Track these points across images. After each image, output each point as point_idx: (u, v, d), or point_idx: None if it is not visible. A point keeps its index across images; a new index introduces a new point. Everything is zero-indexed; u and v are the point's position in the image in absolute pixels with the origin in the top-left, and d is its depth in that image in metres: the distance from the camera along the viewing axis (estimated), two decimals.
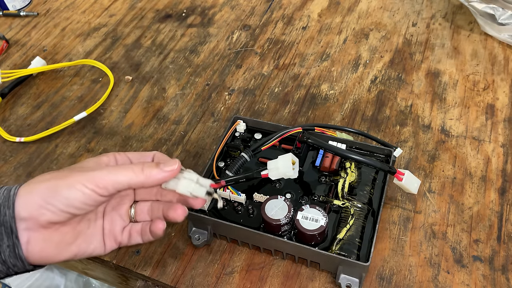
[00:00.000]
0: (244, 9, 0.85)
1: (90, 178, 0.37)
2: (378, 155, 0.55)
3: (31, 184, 0.38)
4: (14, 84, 0.74)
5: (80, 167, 0.40)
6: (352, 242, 0.47)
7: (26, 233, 0.37)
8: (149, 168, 0.38)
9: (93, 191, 0.37)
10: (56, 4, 0.92)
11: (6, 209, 0.36)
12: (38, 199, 0.36)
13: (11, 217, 0.36)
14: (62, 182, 0.37)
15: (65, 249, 0.39)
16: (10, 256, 0.37)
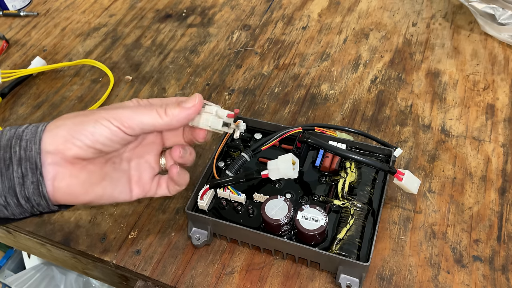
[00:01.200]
0: (244, 9, 0.85)
1: (115, 115, 0.37)
2: (378, 155, 0.55)
3: (58, 121, 0.38)
4: (14, 84, 0.74)
5: (104, 107, 0.40)
6: (352, 242, 0.47)
7: (52, 168, 0.37)
8: (171, 108, 0.39)
9: (119, 128, 0.38)
10: (56, 4, 0.92)
11: (32, 145, 0.36)
12: (65, 133, 0.37)
13: (37, 152, 0.36)
14: (88, 118, 0.37)
15: (91, 188, 0.40)
16: (34, 193, 0.37)
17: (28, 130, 0.38)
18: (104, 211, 0.57)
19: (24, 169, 0.36)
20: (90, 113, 0.38)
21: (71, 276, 1.02)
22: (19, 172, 0.36)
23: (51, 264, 1.03)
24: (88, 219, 0.56)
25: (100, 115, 0.37)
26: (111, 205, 0.58)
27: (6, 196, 0.36)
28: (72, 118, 0.38)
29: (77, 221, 0.56)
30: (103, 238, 0.54)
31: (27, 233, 0.58)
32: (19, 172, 0.36)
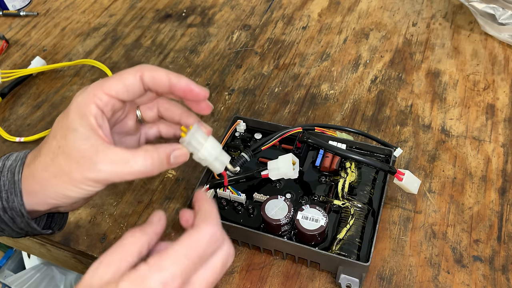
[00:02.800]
0: (244, 9, 0.85)
1: (94, 179, 0.35)
2: (378, 155, 0.54)
3: (33, 184, 0.36)
4: (14, 84, 0.74)
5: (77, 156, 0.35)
6: (352, 242, 0.47)
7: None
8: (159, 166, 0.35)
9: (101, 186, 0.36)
10: (56, 4, 0.92)
11: (13, 196, 0.36)
12: (51, 200, 0.36)
13: (20, 204, 0.36)
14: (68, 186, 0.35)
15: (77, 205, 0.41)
16: (26, 227, 0.38)
17: (4, 179, 0.37)
18: (104, 211, 0.57)
19: (11, 214, 0.37)
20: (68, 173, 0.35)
21: (71, 276, 1.02)
22: (7, 216, 0.37)
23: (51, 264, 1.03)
24: (88, 219, 0.56)
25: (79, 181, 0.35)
26: (111, 205, 0.57)
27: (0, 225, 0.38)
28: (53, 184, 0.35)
29: (77, 221, 0.56)
30: (103, 238, 0.54)
31: None
32: (7, 216, 0.37)
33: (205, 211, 0.34)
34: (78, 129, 0.35)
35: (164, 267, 0.30)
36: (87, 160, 0.34)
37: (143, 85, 0.36)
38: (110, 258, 0.31)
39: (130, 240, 0.32)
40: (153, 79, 0.36)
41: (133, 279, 0.29)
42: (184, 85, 0.36)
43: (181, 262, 0.30)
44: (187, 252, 0.31)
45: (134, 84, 0.36)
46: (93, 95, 0.35)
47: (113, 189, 0.59)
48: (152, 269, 0.30)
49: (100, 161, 0.34)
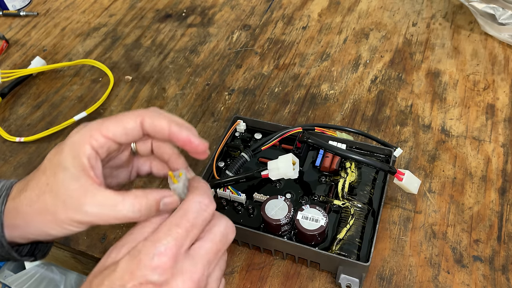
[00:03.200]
0: (244, 9, 0.85)
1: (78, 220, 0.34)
2: (378, 155, 0.54)
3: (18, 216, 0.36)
4: (14, 84, 0.74)
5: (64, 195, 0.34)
6: (352, 242, 0.47)
7: None
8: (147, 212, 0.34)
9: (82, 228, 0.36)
10: (56, 4, 0.92)
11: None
12: (32, 236, 0.37)
13: (0, 236, 0.37)
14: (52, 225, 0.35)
15: None
16: (6, 255, 0.38)
17: None
18: None
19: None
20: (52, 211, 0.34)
21: (71, 276, 1.02)
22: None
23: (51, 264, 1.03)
24: None
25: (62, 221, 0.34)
26: None
27: None
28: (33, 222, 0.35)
29: None
30: (103, 238, 0.54)
31: None
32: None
33: (197, 186, 0.35)
34: (69, 168, 0.34)
35: (158, 239, 0.31)
36: (74, 201, 0.34)
37: (143, 131, 0.36)
38: (123, 241, 0.33)
39: (138, 228, 0.34)
40: (154, 126, 0.35)
41: (132, 254, 0.31)
42: (185, 137, 0.35)
43: (173, 231, 0.32)
44: (178, 221, 0.32)
45: (134, 129, 0.35)
46: (89, 136, 0.34)
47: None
48: (146, 243, 0.31)
49: (87, 203, 0.33)
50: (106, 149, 0.35)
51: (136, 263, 0.31)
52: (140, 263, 0.30)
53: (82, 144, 0.34)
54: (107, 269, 0.31)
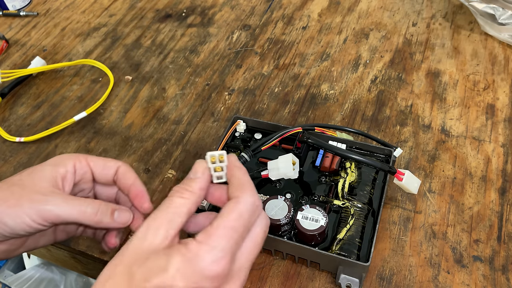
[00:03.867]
0: (244, 9, 0.85)
1: (39, 212, 0.36)
2: (378, 155, 0.54)
3: None
4: (14, 84, 0.74)
5: (32, 187, 0.37)
6: (352, 242, 0.47)
7: None
8: (102, 215, 0.37)
9: (40, 224, 0.36)
10: (56, 4, 0.92)
11: None
12: None
13: None
14: (10, 211, 0.36)
15: (13, 253, 0.40)
16: None
17: None
18: None
19: None
20: (13, 202, 0.36)
21: (71, 276, 1.02)
22: None
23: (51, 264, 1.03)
24: None
25: (22, 210, 0.35)
26: None
27: None
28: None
29: None
30: None
31: None
32: None
33: (240, 179, 0.34)
34: (45, 171, 0.38)
35: (214, 244, 0.30)
36: (40, 196, 0.36)
37: (114, 175, 0.41)
38: (160, 221, 0.32)
39: (179, 202, 0.33)
40: (124, 174, 0.40)
41: (185, 257, 0.30)
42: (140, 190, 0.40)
43: (230, 236, 0.31)
44: (234, 225, 0.31)
45: (111, 167, 0.41)
46: (75, 157, 0.40)
47: None
48: (202, 248, 0.30)
49: (51, 198, 0.36)
50: (82, 174, 0.40)
51: (191, 267, 0.29)
52: (196, 268, 0.29)
53: (67, 159, 0.39)
54: (151, 261, 0.30)
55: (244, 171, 0.35)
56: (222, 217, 0.31)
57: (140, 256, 0.30)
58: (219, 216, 0.32)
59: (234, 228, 0.31)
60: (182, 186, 0.34)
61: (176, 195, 0.33)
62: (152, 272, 0.29)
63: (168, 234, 0.31)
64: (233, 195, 0.33)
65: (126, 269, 0.30)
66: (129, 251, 0.31)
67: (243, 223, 0.32)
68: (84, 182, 0.41)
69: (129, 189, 0.40)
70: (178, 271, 0.29)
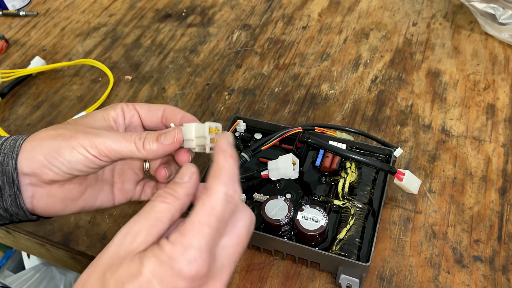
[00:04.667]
0: (244, 9, 0.85)
1: (93, 143, 0.36)
2: (379, 155, 0.54)
3: (36, 139, 0.37)
4: (14, 84, 0.74)
5: (86, 125, 0.38)
6: (353, 242, 0.47)
7: (30, 188, 0.37)
8: (150, 142, 0.37)
9: (96, 157, 0.36)
10: (55, 3, 0.92)
11: (9, 159, 0.36)
12: (41, 158, 0.36)
13: (13, 168, 0.36)
14: (66, 143, 0.36)
15: (71, 204, 0.40)
16: (12, 205, 0.37)
17: (6, 144, 0.37)
18: (104, 211, 0.57)
19: (1, 182, 0.36)
20: (69, 136, 0.36)
21: (70, 276, 1.02)
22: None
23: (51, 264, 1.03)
24: (87, 219, 0.56)
25: (77, 142, 0.36)
26: None
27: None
28: (49, 140, 0.37)
29: (77, 221, 0.56)
30: (102, 238, 0.54)
31: (26, 233, 0.58)
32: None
33: (218, 165, 0.32)
34: (97, 114, 0.40)
35: (188, 243, 0.29)
36: (94, 131, 0.37)
37: (162, 117, 0.41)
38: (140, 226, 0.30)
39: (162, 207, 0.31)
40: (172, 114, 0.41)
41: (160, 259, 0.29)
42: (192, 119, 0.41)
43: (204, 233, 0.29)
44: (206, 220, 0.29)
45: (157, 109, 0.41)
46: (123, 103, 0.41)
47: None
48: (176, 248, 0.29)
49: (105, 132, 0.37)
50: (130, 117, 0.41)
51: (166, 270, 0.28)
52: (172, 270, 0.28)
53: (115, 105, 0.41)
54: (125, 266, 0.28)
55: (228, 154, 0.32)
56: (194, 213, 0.30)
57: (113, 262, 0.29)
58: (192, 212, 0.30)
59: (208, 223, 0.29)
60: (167, 190, 0.32)
61: (158, 199, 0.31)
62: (125, 278, 0.28)
63: (147, 240, 0.30)
64: (207, 186, 0.31)
65: (100, 278, 0.29)
66: (103, 257, 0.30)
67: (216, 217, 0.30)
68: (133, 126, 0.41)
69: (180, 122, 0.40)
70: (154, 275, 0.28)
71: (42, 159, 0.36)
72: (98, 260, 0.30)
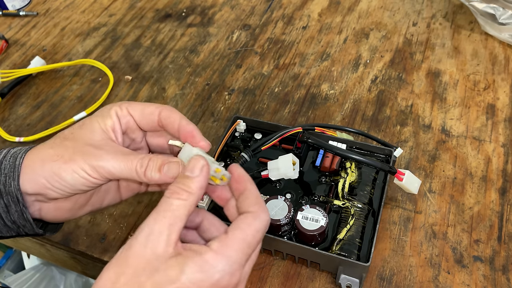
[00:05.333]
0: (244, 9, 0.85)
1: (93, 168, 0.36)
2: (379, 155, 0.54)
3: (35, 160, 0.37)
4: (14, 84, 0.74)
5: (85, 141, 0.37)
6: (353, 242, 0.47)
7: (37, 204, 0.38)
8: (151, 172, 0.36)
9: (97, 178, 0.36)
10: (55, 3, 0.92)
11: (11, 180, 0.36)
12: (43, 181, 0.36)
13: (16, 189, 0.36)
14: (66, 166, 0.36)
15: (79, 211, 0.40)
16: (19, 218, 0.38)
17: (6, 162, 0.37)
18: (104, 211, 0.57)
19: (7, 201, 0.37)
20: (68, 158, 0.36)
21: (70, 276, 1.02)
22: (2, 203, 0.37)
23: (51, 265, 1.03)
24: (87, 219, 0.56)
25: (77, 165, 0.36)
26: None
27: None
28: (50, 163, 0.36)
29: (77, 221, 0.56)
30: (102, 238, 0.54)
31: None
32: (2, 203, 0.37)
33: (255, 194, 0.34)
34: (95, 124, 0.38)
35: (231, 256, 0.30)
36: (93, 149, 0.36)
37: (158, 119, 0.39)
38: (160, 225, 0.31)
39: (178, 205, 0.32)
40: (168, 117, 0.39)
41: (200, 267, 0.29)
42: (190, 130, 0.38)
43: (244, 251, 0.31)
44: (250, 240, 0.31)
45: (152, 113, 0.39)
46: (117, 106, 0.39)
47: None
48: (219, 258, 0.30)
49: (104, 153, 0.36)
50: (125, 122, 0.39)
51: (206, 278, 0.29)
52: (212, 279, 0.29)
53: (110, 110, 0.39)
54: (161, 272, 0.29)
55: (254, 184, 0.35)
56: (240, 230, 0.31)
57: (147, 266, 0.29)
58: (236, 227, 0.32)
59: (250, 243, 0.31)
60: (180, 186, 0.33)
61: (174, 196, 0.32)
62: (163, 284, 0.29)
63: (170, 239, 0.30)
64: (251, 209, 0.33)
65: (134, 280, 0.29)
66: (131, 258, 0.30)
67: (258, 239, 0.32)
68: (130, 131, 0.40)
69: (178, 131, 0.38)
70: (192, 282, 0.29)
71: (45, 182, 0.36)
72: (126, 260, 0.30)
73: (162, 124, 0.39)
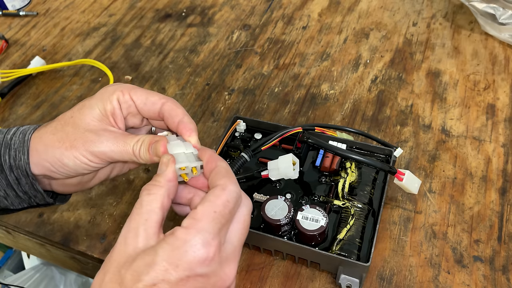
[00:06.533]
0: (244, 9, 0.85)
1: (93, 154, 0.37)
2: (379, 155, 0.54)
3: (39, 144, 0.38)
4: (14, 84, 0.74)
5: (84, 126, 0.38)
6: (353, 242, 0.47)
7: (46, 180, 0.41)
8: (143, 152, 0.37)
9: (97, 163, 0.38)
10: (55, 3, 0.92)
11: (21, 155, 0.38)
12: (47, 164, 0.38)
13: (26, 162, 0.38)
14: (68, 153, 0.37)
15: (87, 183, 0.42)
16: (30, 189, 0.40)
17: (16, 138, 0.39)
18: (104, 211, 0.57)
19: (17, 174, 0.39)
20: (68, 144, 0.37)
21: (70, 276, 1.02)
22: (13, 176, 0.39)
23: (51, 265, 1.03)
24: (87, 219, 0.56)
25: (78, 152, 0.37)
26: (111, 205, 0.57)
27: (5, 189, 0.39)
28: (52, 149, 0.38)
29: (77, 221, 0.56)
30: (102, 238, 0.54)
31: (26, 233, 0.58)
32: (13, 176, 0.39)
33: (223, 168, 0.35)
34: (94, 108, 0.39)
35: (202, 228, 0.30)
36: (93, 135, 0.37)
37: (160, 110, 0.39)
38: (136, 222, 0.32)
39: (149, 199, 0.33)
40: (171, 110, 0.39)
41: (173, 245, 0.29)
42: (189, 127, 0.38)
43: (217, 221, 0.31)
44: (221, 210, 0.31)
45: (155, 103, 0.39)
46: (120, 90, 0.39)
47: (113, 189, 0.59)
48: (190, 232, 0.30)
49: (104, 139, 0.37)
50: (126, 108, 0.39)
51: (181, 254, 0.29)
52: (187, 254, 0.29)
53: (112, 93, 0.39)
54: (138, 260, 0.29)
55: (224, 161, 0.36)
56: (208, 202, 0.32)
57: (128, 259, 0.30)
58: (205, 201, 0.32)
59: (221, 213, 0.31)
60: (149, 183, 0.34)
61: (144, 193, 0.33)
62: (141, 270, 0.29)
63: (148, 233, 0.31)
64: (219, 182, 0.33)
65: (115, 274, 0.30)
66: (114, 256, 0.31)
67: (229, 209, 0.32)
68: (132, 115, 0.41)
69: (177, 126, 0.39)
70: (168, 262, 0.29)
71: (49, 166, 0.38)
72: (109, 260, 0.31)
73: (163, 115, 0.39)
